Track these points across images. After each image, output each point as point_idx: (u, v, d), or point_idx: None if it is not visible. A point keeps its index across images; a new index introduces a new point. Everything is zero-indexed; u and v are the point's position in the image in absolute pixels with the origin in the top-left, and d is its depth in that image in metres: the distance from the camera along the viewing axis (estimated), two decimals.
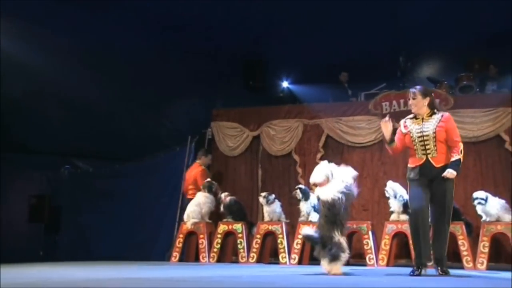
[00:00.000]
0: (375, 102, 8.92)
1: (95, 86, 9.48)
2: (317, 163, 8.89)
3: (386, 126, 5.35)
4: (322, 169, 5.02)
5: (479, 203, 6.91)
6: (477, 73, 9.19)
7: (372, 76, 9.52)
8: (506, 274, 5.68)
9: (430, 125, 5.23)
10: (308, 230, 4.90)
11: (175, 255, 7.95)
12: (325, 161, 5.20)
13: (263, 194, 7.87)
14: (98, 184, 10.69)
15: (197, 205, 8.09)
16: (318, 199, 4.92)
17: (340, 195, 4.77)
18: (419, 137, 5.22)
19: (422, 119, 5.31)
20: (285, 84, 10.35)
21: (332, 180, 4.94)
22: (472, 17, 8.89)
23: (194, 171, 8.84)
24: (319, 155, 9.05)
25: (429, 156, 5.18)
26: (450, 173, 5.08)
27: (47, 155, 11.07)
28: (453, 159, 5.15)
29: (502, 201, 6.91)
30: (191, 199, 8.28)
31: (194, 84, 9.91)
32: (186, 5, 8.60)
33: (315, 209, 7.44)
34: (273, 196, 7.95)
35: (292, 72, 10.10)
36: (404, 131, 5.37)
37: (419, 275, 5.04)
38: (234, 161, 9.67)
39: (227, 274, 5.02)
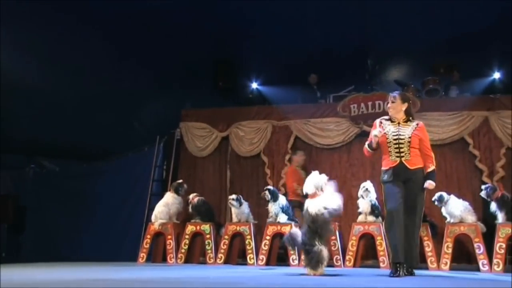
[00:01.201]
0: (344, 104, 9.03)
1: (62, 84, 9.33)
2: (286, 165, 9.07)
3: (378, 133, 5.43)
4: (312, 180, 5.11)
5: (434, 201, 7.08)
6: (443, 77, 9.38)
7: (341, 79, 9.63)
8: (468, 274, 5.82)
9: (407, 131, 5.36)
10: (295, 233, 4.95)
11: (142, 255, 7.88)
12: (316, 172, 5.22)
13: (235, 197, 7.80)
14: (64, 184, 10.54)
15: (165, 205, 8.03)
16: (306, 209, 5.01)
17: (324, 212, 4.88)
18: (394, 139, 5.33)
19: (398, 123, 5.41)
20: (254, 85, 10.35)
21: (322, 193, 5.04)
22: (438, 22, 9.05)
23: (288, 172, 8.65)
24: (287, 157, 9.11)
25: (402, 159, 5.29)
26: (430, 184, 5.27)
27: (12, 154, 10.84)
28: (429, 170, 5.33)
29: (466, 203, 7.05)
30: (290, 200, 7.97)
31: (163, 84, 9.85)
32: (156, 4, 8.53)
33: (283, 210, 7.47)
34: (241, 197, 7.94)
35: (262, 73, 10.11)
36: (380, 131, 5.45)
37: (399, 276, 5.06)
38: (202, 161, 9.64)
39: (194, 275, 5.00)
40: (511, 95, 8.63)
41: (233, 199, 7.71)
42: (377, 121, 5.60)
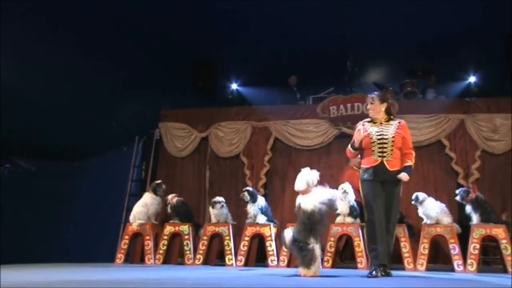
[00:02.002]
0: (323, 105, 9.10)
1: (38, 81, 9.20)
2: (265, 166, 9.10)
3: (361, 136, 5.47)
4: (304, 177, 5.06)
5: (411, 201, 7.19)
6: (420, 80, 9.50)
7: (321, 80, 9.69)
8: (443, 275, 5.90)
9: (389, 130, 5.44)
10: (289, 234, 4.89)
11: (120, 256, 7.82)
12: (307, 168, 5.19)
13: (219, 199, 7.78)
14: (41, 184, 10.39)
15: (144, 206, 7.98)
16: (299, 206, 4.93)
17: (320, 206, 4.84)
18: (378, 139, 5.40)
19: (381, 123, 5.48)
20: (234, 86, 10.36)
21: (314, 188, 5.00)
22: (416, 26, 9.16)
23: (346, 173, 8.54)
24: (267, 157, 9.15)
25: (384, 159, 5.36)
26: (404, 175, 5.31)
27: None
28: (406, 164, 5.38)
29: (442, 205, 7.14)
30: (359, 202, 7.86)
31: (142, 84, 9.79)
32: (136, 4, 8.49)
33: (262, 211, 7.49)
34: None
35: (242, 74, 10.12)
36: (363, 133, 5.50)
37: (377, 276, 5.13)
38: (182, 162, 9.63)
39: (173, 275, 4.99)
40: (486, 99, 8.80)
41: (217, 203, 7.65)
42: (360, 124, 5.66)
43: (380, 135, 5.42)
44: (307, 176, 5.05)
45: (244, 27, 9.40)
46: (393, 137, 5.39)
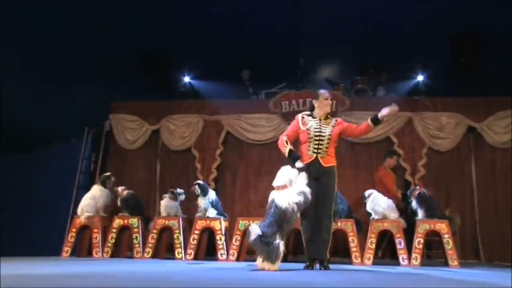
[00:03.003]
0: (275, 101, 9.15)
1: None
2: (216, 159, 9.09)
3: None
4: (286, 173, 5.08)
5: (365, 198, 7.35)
6: (371, 78, 9.68)
7: (273, 76, 9.73)
8: (387, 268, 6.05)
9: (327, 128, 5.55)
10: (255, 230, 4.85)
11: (67, 249, 7.68)
12: (288, 166, 5.20)
13: (180, 190, 7.76)
14: None
15: (92, 198, 7.86)
16: (273, 201, 4.92)
17: (294, 206, 4.86)
18: (316, 135, 5.48)
19: (320, 119, 5.56)
20: (186, 79, 10.29)
21: (291, 186, 5.01)
22: (368, 25, 9.33)
23: (379, 174, 8.39)
24: (218, 151, 9.15)
25: (319, 156, 5.46)
26: (386, 109, 5.46)
27: None
28: (369, 121, 5.52)
29: (389, 200, 7.30)
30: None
31: (93, 74, 9.58)
32: None
33: (213, 205, 7.49)
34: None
35: (194, 67, 10.06)
36: (302, 128, 5.58)
37: (312, 268, 5.28)
38: (132, 154, 9.53)
39: (120, 269, 4.93)
40: (433, 98, 9.06)
41: (172, 193, 7.69)
42: (299, 117, 5.73)
43: (318, 131, 5.52)
44: (289, 174, 5.09)
45: (198, 20, 9.35)
46: (330, 134, 5.52)
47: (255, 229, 4.78)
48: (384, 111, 5.45)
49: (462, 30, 9.18)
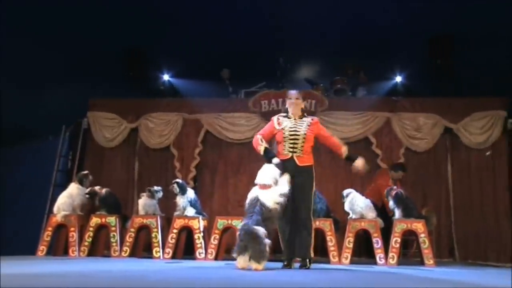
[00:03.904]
0: (255, 100, 9.16)
1: None
2: (195, 158, 9.06)
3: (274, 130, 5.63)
4: (272, 172, 5.10)
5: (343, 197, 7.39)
6: (350, 78, 9.75)
7: (253, 75, 9.74)
8: (364, 267, 6.10)
9: (302, 127, 5.58)
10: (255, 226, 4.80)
11: (42, 248, 7.58)
12: (272, 165, 5.20)
13: (157, 188, 7.72)
14: None
15: (69, 197, 7.76)
16: (257, 199, 4.91)
17: (278, 207, 4.89)
18: (291, 135, 5.53)
19: (295, 119, 5.59)
20: (166, 77, 10.24)
21: (275, 185, 5.05)
22: (348, 25, 9.38)
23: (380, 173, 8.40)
24: (197, 150, 9.13)
25: (294, 154, 5.49)
26: (358, 162, 5.57)
27: None
28: (347, 152, 5.60)
29: (367, 200, 7.35)
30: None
31: (70, 70, 9.48)
32: None
33: (192, 204, 7.46)
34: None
35: (174, 65, 10.01)
36: (278, 127, 5.63)
37: (290, 267, 5.30)
38: (110, 152, 9.46)
39: (97, 268, 4.88)
40: (411, 98, 9.16)
41: (149, 191, 7.65)
42: (275, 118, 5.77)
43: (293, 131, 5.56)
44: (274, 173, 5.12)
45: (178, 18, 9.30)
46: (304, 133, 5.54)
47: (249, 226, 4.74)
48: (357, 163, 5.57)
49: (438, 32, 9.29)
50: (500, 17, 8.23)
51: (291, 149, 5.52)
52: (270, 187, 5.03)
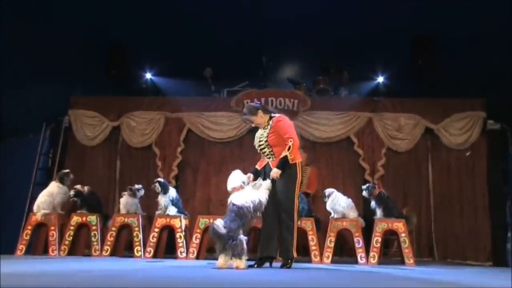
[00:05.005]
0: (237, 99, 9.17)
1: None
2: (177, 157, 9.03)
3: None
4: (239, 176, 5.24)
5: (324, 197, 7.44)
6: (333, 78, 9.79)
7: (236, 74, 9.74)
8: (344, 267, 6.13)
9: (265, 133, 5.57)
10: (219, 224, 4.84)
11: (21, 248, 7.49)
12: (238, 170, 5.32)
13: (138, 186, 7.69)
14: None
15: (49, 195, 7.69)
16: (231, 202, 4.99)
17: (250, 204, 4.94)
18: (260, 144, 5.61)
19: (263, 128, 5.64)
20: (148, 75, 10.20)
21: (245, 187, 5.18)
22: (330, 25, 9.41)
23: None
24: (179, 149, 9.10)
25: (269, 160, 5.55)
26: (274, 172, 5.38)
27: None
28: (280, 156, 5.43)
29: (349, 200, 7.40)
30: None
31: (52, 68, 9.37)
32: None
33: (173, 203, 7.44)
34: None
35: (156, 64, 9.97)
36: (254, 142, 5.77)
37: (260, 266, 5.35)
38: (92, 151, 9.39)
39: (77, 267, 4.85)
40: (392, 99, 9.23)
41: (130, 191, 7.62)
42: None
43: (260, 141, 5.60)
44: (240, 176, 5.24)
45: (161, 17, 9.25)
46: (266, 140, 5.52)
47: (220, 223, 4.78)
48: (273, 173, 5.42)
49: (420, 33, 9.37)
50: (481, 18, 8.32)
51: (266, 156, 5.59)
52: (240, 188, 5.14)
